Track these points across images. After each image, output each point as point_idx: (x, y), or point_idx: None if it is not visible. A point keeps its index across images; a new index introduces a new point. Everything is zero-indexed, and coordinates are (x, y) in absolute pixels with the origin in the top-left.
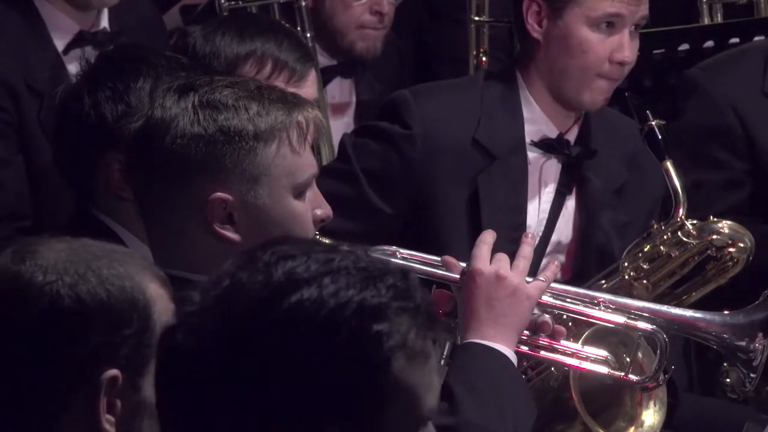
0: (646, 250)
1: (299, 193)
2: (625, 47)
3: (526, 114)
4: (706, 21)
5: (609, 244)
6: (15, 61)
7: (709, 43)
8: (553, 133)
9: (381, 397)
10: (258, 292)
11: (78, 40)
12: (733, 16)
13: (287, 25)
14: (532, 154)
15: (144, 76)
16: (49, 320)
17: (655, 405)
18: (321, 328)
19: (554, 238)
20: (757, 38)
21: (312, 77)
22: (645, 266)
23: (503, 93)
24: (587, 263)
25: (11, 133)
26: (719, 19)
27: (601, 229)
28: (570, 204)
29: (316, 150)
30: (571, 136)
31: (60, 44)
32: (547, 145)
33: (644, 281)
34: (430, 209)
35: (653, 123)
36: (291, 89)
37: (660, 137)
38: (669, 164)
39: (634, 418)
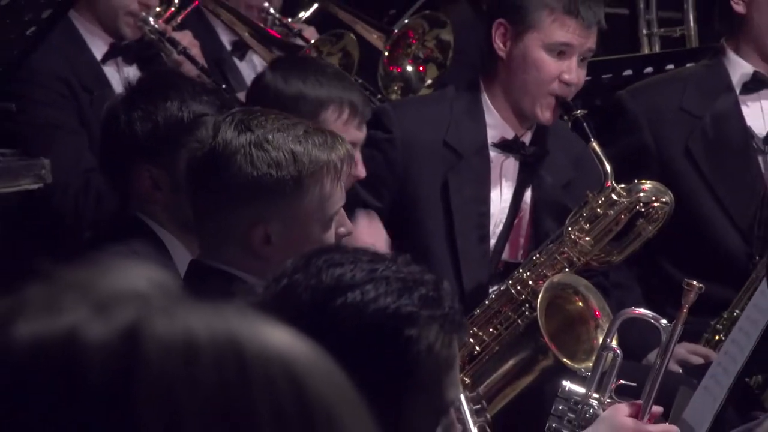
0: (585, 214)
1: (328, 221)
2: (573, 70)
3: (488, 120)
4: (646, 50)
5: (557, 228)
6: (64, 64)
7: (649, 69)
8: (510, 136)
9: (406, 395)
10: (309, 294)
11: (112, 51)
12: (669, 46)
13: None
14: (494, 154)
15: (171, 99)
16: None
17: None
18: (360, 329)
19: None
20: (688, 65)
21: None
22: (586, 226)
23: (469, 102)
24: (539, 243)
25: (75, 116)
26: (657, 48)
27: (551, 216)
28: (527, 196)
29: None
30: (526, 139)
31: (97, 53)
32: (505, 146)
33: (586, 238)
34: (411, 200)
35: (578, 113)
36: (356, 131)
37: (584, 123)
38: (595, 144)
39: (591, 350)
